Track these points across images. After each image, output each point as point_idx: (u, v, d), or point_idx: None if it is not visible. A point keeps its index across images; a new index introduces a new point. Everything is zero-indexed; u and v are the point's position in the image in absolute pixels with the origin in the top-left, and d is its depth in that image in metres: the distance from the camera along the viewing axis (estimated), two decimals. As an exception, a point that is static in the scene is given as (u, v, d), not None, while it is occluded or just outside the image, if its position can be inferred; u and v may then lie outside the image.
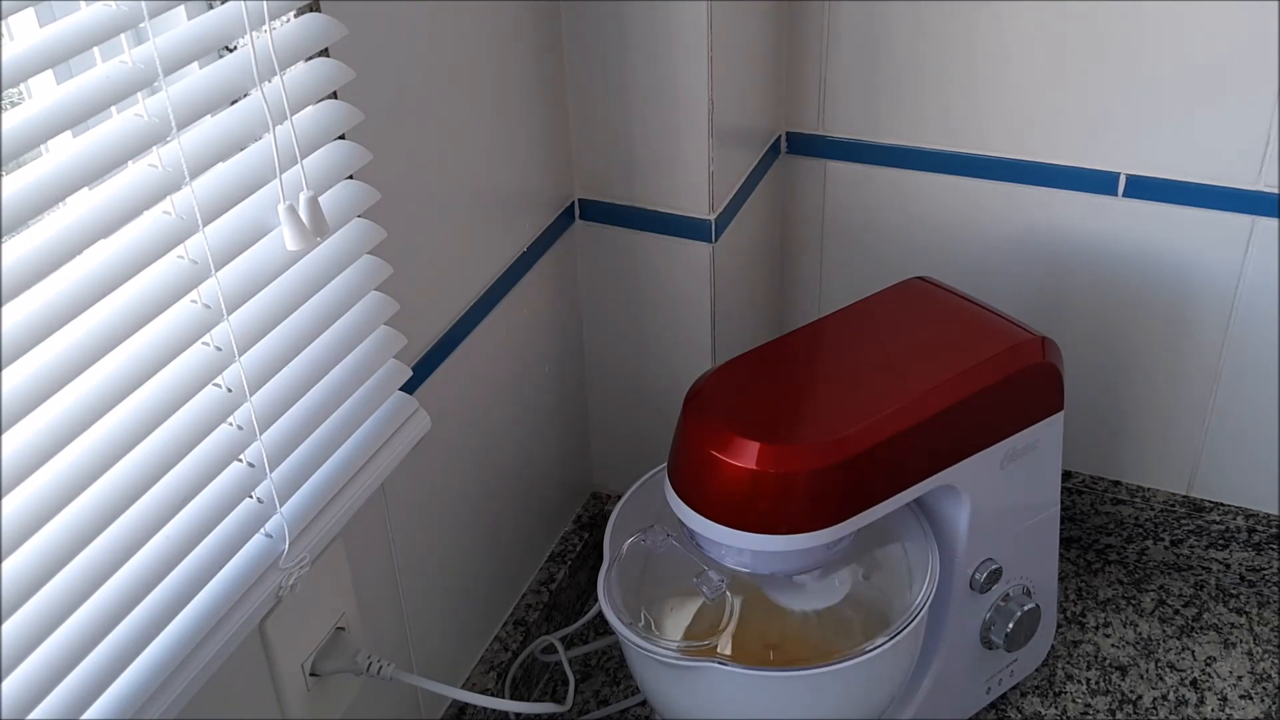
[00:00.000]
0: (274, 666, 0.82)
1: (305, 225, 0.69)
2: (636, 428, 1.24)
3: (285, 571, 0.76)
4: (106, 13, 0.59)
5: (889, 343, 0.98)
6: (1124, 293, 1.18)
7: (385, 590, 0.95)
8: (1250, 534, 1.23)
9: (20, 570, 0.59)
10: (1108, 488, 1.26)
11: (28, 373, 0.58)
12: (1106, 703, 1.14)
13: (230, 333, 0.69)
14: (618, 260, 1.13)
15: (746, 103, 1.12)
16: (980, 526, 0.99)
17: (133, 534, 0.65)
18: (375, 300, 0.81)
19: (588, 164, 1.09)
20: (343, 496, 0.80)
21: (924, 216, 1.21)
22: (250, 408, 0.71)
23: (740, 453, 0.86)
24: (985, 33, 1.11)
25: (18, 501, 0.59)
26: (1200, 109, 1.07)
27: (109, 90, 0.60)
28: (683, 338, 1.15)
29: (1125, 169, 1.12)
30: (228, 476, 0.71)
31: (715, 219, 1.08)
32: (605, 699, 1.16)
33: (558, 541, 1.23)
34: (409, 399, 0.86)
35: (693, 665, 0.89)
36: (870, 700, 0.94)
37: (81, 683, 0.64)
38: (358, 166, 0.76)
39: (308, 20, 0.71)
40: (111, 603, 0.65)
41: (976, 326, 0.98)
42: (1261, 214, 1.09)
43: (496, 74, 0.96)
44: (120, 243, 0.63)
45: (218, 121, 0.68)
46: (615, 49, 1.03)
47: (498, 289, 1.01)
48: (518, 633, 1.13)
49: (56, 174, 0.58)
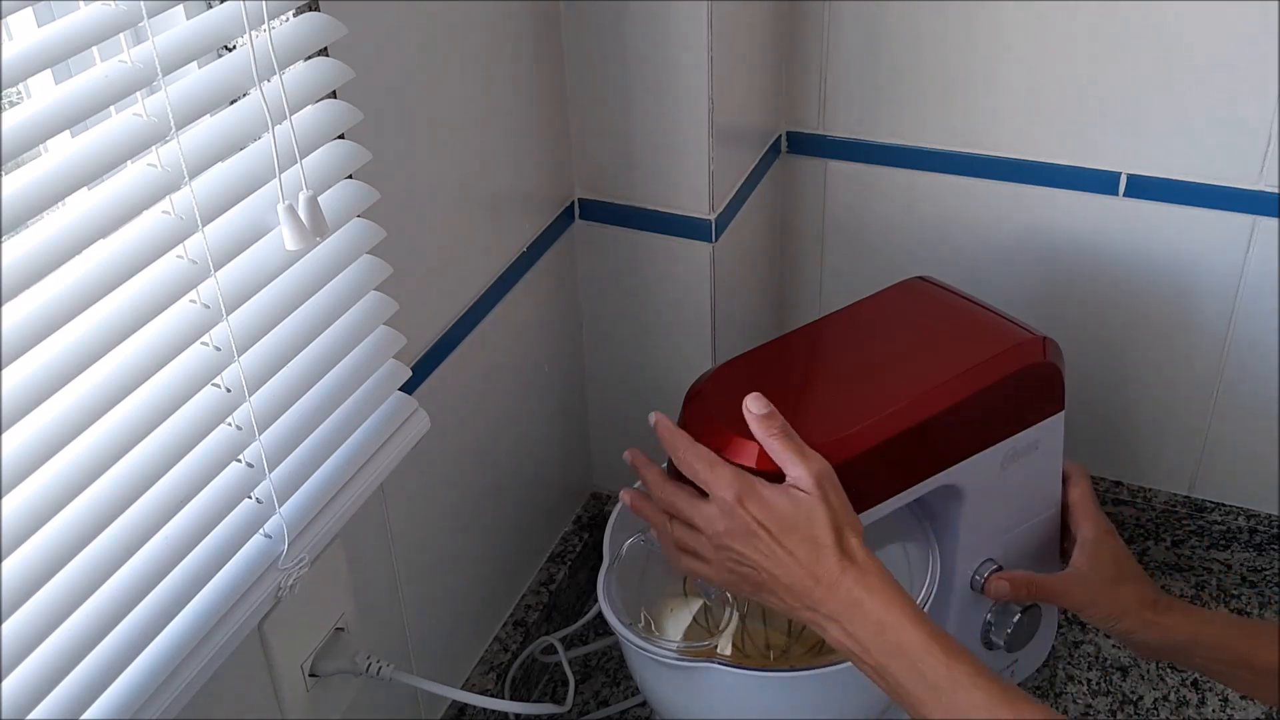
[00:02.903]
0: (273, 667, 0.82)
1: (305, 225, 0.69)
2: (636, 428, 1.23)
3: (284, 572, 0.76)
4: (105, 12, 0.59)
5: (889, 342, 0.98)
6: (1125, 293, 1.18)
7: (385, 590, 0.95)
8: (1252, 534, 1.23)
9: (20, 570, 0.59)
10: (1108, 488, 1.26)
11: (27, 373, 0.58)
12: (1107, 703, 1.14)
13: (229, 333, 0.69)
14: (618, 260, 1.13)
15: (746, 102, 1.12)
16: (980, 526, 0.99)
17: (132, 534, 0.65)
18: (375, 300, 0.81)
19: (588, 164, 1.09)
20: (342, 497, 0.80)
21: (924, 216, 1.21)
22: (249, 408, 0.71)
23: (740, 452, 0.86)
24: (986, 32, 1.11)
25: (17, 501, 0.59)
26: (1201, 109, 1.07)
27: (108, 90, 0.60)
28: (683, 338, 1.15)
29: (1126, 169, 1.12)
30: (227, 477, 0.71)
31: (715, 219, 1.08)
32: (605, 700, 1.16)
33: (558, 541, 1.23)
34: (408, 399, 0.86)
35: (692, 666, 0.89)
36: (870, 701, 0.94)
37: (81, 683, 0.64)
38: (357, 166, 0.76)
39: (307, 19, 0.71)
40: (111, 603, 0.65)
41: (977, 326, 0.98)
42: (1262, 214, 1.09)
43: (496, 73, 0.96)
44: (119, 242, 0.63)
45: (217, 121, 0.68)
46: (615, 49, 1.02)
47: (498, 289, 1.01)
48: (517, 633, 1.13)
49: (55, 174, 0.58)
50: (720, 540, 0.83)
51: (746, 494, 0.82)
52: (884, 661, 0.78)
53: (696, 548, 0.85)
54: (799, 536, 0.81)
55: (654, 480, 0.88)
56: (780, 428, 0.84)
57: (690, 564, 0.86)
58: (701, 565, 0.85)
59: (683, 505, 0.85)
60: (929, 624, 0.78)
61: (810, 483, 0.82)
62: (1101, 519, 1.02)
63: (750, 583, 0.83)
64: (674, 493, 0.86)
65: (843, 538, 0.81)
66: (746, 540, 0.81)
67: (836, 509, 0.82)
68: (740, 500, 0.82)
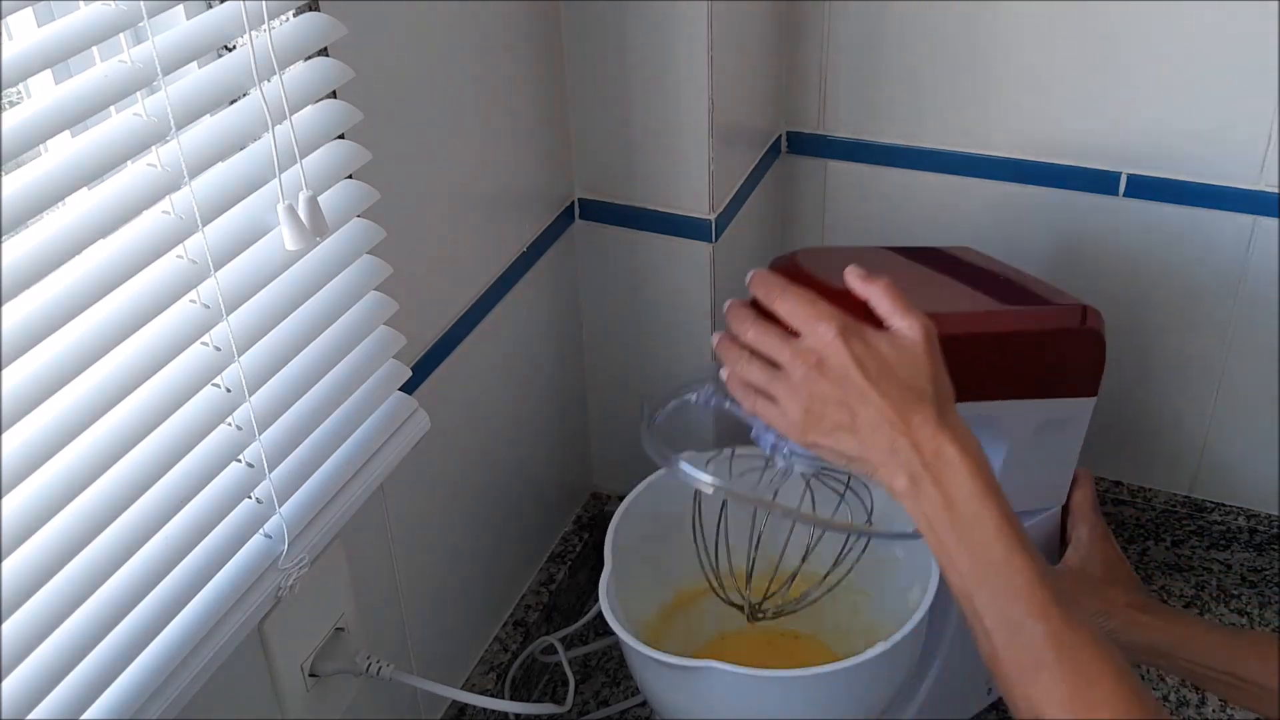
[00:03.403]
0: (273, 667, 0.82)
1: (304, 225, 0.69)
2: (636, 428, 1.23)
3: (284, 572, 0.76)
4: (105, 12, 0.59)
5: (950, 271, 0.99)
6: (1125, 293, 1.17)
7: (385, 591, 0.95)
8: (1252, 535, 1.23)
9: (20, 570, 0.59)
10: (1109, 488, 1.26)
11: (27, 373, 0.58)
12: (1107, 703, 1.14)
13: (229, 333, 0.69)
14: (618, 260, 1.13)
15: (746, 102, 1.12)
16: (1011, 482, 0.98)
17: (132, 534, 0.65)
18: (374, 300, 0.81)
19: (588, 164, 1.09)
20: (342, 497, 0.80)
21: (924, 216, 1.21)
22: (249, 408, 0.71)
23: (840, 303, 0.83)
24: (986, 32, 1.10)
25: (17, 502, 0.59)
26: (1201, 109, 1.07)
27: (108, 90, 0.60)
28: (683, 338, 1.15)
29: (1126, 169, 1.12)
30: (227, 477, 0.71)
31: (715, 219, 1.08)
32: (605, 700, 1.16)
33: (558, 542, 1.23)
34: (408, 399, 0.86)
35: (693, 666, 0.89)
36: (871, 701, 0.94)
37: (81, 683, 0.64)
38: (357, 166, 0.76)
39: (307, 19, 0.71)
40: (111, 603, 0.65)
41: (1029, 286, 0.99)
42: (1263, 214, 1.09)
43: (496, 73, 0.96)
44: (119, 242, 0.63)
45: (217, 121, 0.68)
46: (615, 49, 1.02)
47: (497, 289, 1.01)
48: (517, 633, 1.13)
49: (55, 174, 0.58)
50: (810, 376, 0.79)
51: (850, 331, 0.79)
52: (953, 527, 0.76)
53: (773, 389, 0.81)
54: (897, 382, 0.78)
55: (744, 316, 0.83)
56: (885, 284, 0.81)
57: (763, 407, 0.82)
58: (774, 409, 0.81)
59: (774, 340, 0.81)
60: (1007, 508, 0.76)
61: (918, 334, 0.79)
62: (1099, 523, 1.01)
63: (829, 422, 0.79)
64: (767, 328, 0.82)
65: (941, 395, 0.78)
66: (840, 377, 0.78)
67: (939, 367, 0.79)
68: (843, 335, 0.78)
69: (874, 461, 0.78)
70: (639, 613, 1.03)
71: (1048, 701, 0.73)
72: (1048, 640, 0.73)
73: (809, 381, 0.79)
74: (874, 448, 0.78)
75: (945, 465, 0.76)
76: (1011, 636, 0.74)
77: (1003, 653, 0.74)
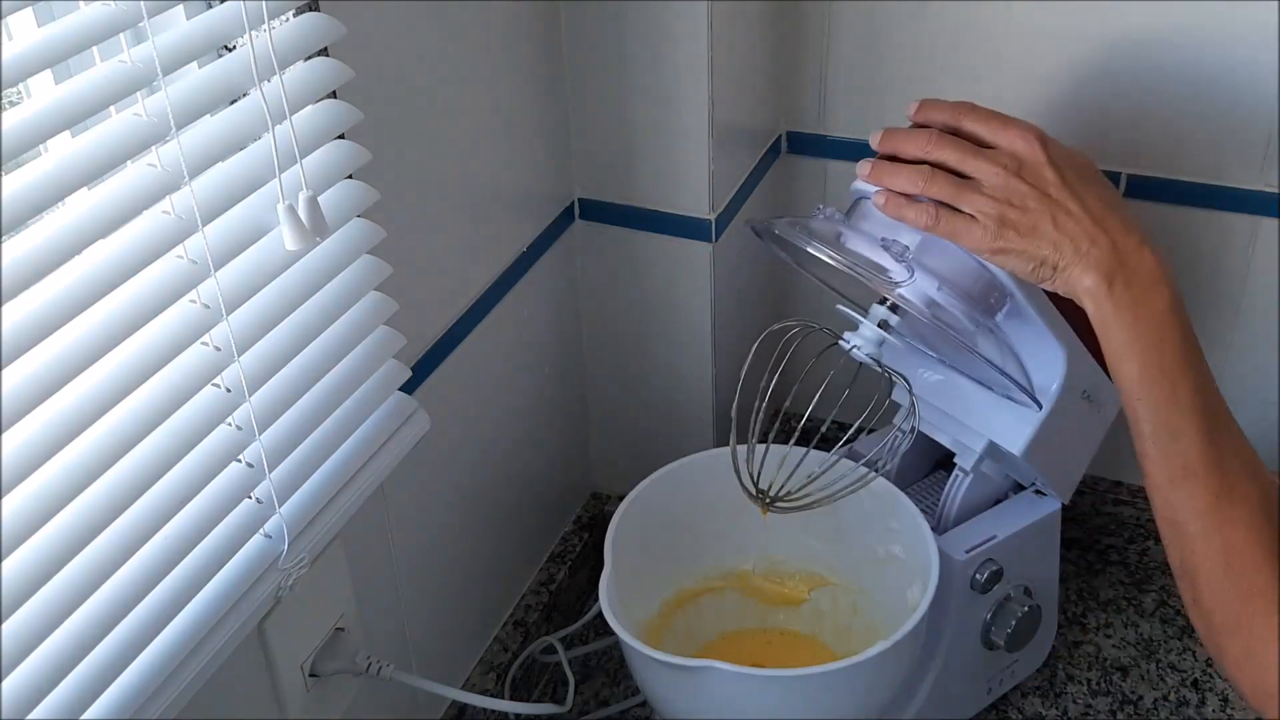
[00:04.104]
0: (273, 667, 0.82)
1: (304, 225, 0.69)
2: (636, 428, 1.23)
3: (284, 572, 0.76)
4: (105, 12, 0.59)
5: None
6: (1125, 293, 1.17)
7: (385, 590, 0.95)
8: (1251, 534, 1.23)
9: (20, 570, 0.59)
10: (1109, 488, 1.26)
11: (27, 373, 0.58)
12: (1108, 703, 1.14)
13: (229, 333, 0.69)
14: (618, 260, 1.13)
15: (746, 103, 1.12)
16: (1042, 441, 0.98)
17: (132, 534, 0.65)
18: (374, 300, 0.81)
19: (588, 164, 1.09)
20: (342, 497, 0.80)
21: (924, 216, 1.21)
22: (249, 408, 0.71)
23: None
24: (985, 33, 1.10)
25: (17, 501, 0.59)
26: (1201, 109, 1.07)
27: (108, 90, 0.60)
28: (683, 338, 1.15)
29: (1125, 169, 1.12)
30: (227, 477, 0.71)
31: (715, 219, 1.08)
32: (605, 700, 1.16)
33: (558, 542, 1.23)
34: (408, 399, 0.86)
35: (693, 666, 0.89)
36: (871, 701, 0.94)
37: (81, 683, 0.64)
38: (357, 166, 0.76)
39: (307, 19, 0.71)
40: (111, 603, 0.65)
41: None
42: (1264, 214, 1.09)
43: (496, 73, 0.96)
44: (119, 243, 0.63)
45: (217, 121, 0.68)
46: (615, 49, 1.03)
47: (497, 289, 1.01)
48: (517, 633, 1.13)
49: (55, 174, 0.58)
50: (1009, 182, 0.81)
51: (1046, 138, 0.82)
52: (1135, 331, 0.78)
53: (962, 200, 0.83)
54: (1095, 191, 0.81)
55: (923, 134, 0.86)
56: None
57: (947, 219, 0.83)
58: (961, 220, 0.83)
59: (964, 152, 0.83)
60: (1189, 322, 0.79)
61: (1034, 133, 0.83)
62: None
63: (1023, 226, 0.81)
64: (954, 142, 0.84)
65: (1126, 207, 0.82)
66: (1040, 178, 0.81)
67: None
68: (1042, 140, 0.82)
69: (1064, 261, 0.80)
70: (639, 613, 1.03)
71: (1188, 508, 0.77)
72: (1202, 452, 0.77)
73: (1008, 187, 0.81)
74: (1067, 246, 0.80)
75: (1142, 270, 0.79)
76: (1169, 443, 0.78)
77: (1155, 454, 0.79)
